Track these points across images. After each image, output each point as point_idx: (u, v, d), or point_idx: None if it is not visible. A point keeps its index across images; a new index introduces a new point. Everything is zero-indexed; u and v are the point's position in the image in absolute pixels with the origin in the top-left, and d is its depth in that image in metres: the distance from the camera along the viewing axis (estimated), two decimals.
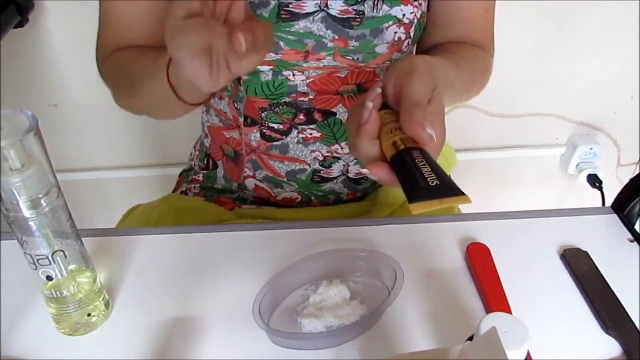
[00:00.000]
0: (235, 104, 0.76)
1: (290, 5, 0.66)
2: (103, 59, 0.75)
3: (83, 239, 0.54)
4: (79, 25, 1.17)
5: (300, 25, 0.66)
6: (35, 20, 1.17)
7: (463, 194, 0.40)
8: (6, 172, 0.44)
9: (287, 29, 0.67)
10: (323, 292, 0.57)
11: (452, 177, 1.00)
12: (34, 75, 1.27)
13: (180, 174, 0.92)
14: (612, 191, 0.85)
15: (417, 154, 0.42)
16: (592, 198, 1.47)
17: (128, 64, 0.70)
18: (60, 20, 1.19)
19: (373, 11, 0.66)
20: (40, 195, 0.47)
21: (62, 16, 1.19)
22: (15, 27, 1.12)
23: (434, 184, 0.40)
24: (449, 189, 0.40)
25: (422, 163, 0.42)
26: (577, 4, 1.23)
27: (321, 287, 0.58)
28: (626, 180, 0.70)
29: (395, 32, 0.68)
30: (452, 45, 0.74)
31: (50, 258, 0.49)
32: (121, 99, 0.73)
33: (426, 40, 0.76)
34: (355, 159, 0.76)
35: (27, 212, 0.47)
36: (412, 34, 0.70)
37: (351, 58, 0.69)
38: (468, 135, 1.41)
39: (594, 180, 1.45)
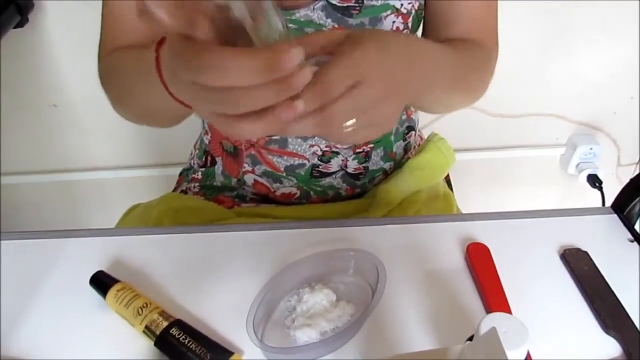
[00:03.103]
0: None
1: None
2: (102, 59, 0.73)
3: (83, 238, 0.53)
4: (79, 25, 1.17)
5: (302, 13, 0.67)
6: (35, 20, 1.17)
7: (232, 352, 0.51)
8: None
9: (288, 17, 0.67)
10: (309, 300, 0.57)
11: (450, 177, 1.00)
12: (34, 75, 1.27)
13: (181, 174, 0.92)
14: (612, 191, 0.85)
15: (177, 331, 0.52)
16: (592, 198, 1.46)
17: (121, 62, 0.68)
18: (60, 20, 1.19)
19: (372, 0, 0.66)
20: None
21: (62, 16, 1.19)
22: (15, 27, 1.12)
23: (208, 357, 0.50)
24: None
25: (186, 339, 0.51)
26: (577, 4, 1.23)
27: (305, 295, 0.57)
28: (626, 180, 0.70)
29: (394, 22, 0.68)
30: (452, 41, 0.72)
31: None
32: (118, 104, 0.71)
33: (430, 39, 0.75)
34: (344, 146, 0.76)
35: None
36: (410, 24, 0.70)
37: None
38: (467, 135, 1.41)
39: (594, 181, 1.45)
